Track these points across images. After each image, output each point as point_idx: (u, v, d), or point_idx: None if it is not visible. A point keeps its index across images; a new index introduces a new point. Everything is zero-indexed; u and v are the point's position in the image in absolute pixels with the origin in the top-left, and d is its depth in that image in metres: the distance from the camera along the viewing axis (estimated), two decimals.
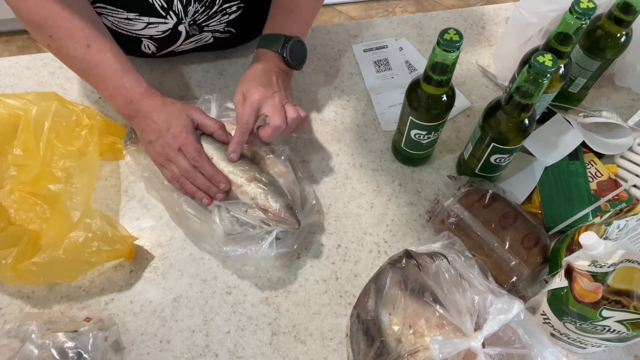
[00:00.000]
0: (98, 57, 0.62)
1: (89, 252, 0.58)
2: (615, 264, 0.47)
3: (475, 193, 0.65)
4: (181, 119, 0.62)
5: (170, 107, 0.63)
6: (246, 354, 0.60)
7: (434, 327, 0.49)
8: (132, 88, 0.63)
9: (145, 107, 0.63)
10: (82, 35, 0.61)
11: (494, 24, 0.92)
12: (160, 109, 0.63)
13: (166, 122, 0.62)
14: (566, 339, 0.57)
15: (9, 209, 0.65)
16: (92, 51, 0.62)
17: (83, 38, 0.61)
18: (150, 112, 0.63)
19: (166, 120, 0.62)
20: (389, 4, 2.20)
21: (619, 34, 0.67)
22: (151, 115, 0.63)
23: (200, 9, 0.70)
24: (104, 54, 0.62)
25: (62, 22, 0.60)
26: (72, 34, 0.61)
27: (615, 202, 0.67)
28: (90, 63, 0.62)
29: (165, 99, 0.65)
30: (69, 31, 0.61)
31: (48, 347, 0.52)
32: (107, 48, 0.62)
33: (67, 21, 0.60)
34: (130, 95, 0.63)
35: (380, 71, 0.85)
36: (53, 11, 0.60)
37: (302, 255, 0.67)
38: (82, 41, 0.61)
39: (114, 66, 0.62)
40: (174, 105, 0.64)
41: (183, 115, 0.63)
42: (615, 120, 0.71)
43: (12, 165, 0.67)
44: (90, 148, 0.67)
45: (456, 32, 0.53)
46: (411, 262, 0.53)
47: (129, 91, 0.63)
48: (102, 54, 0.62)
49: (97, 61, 0.62)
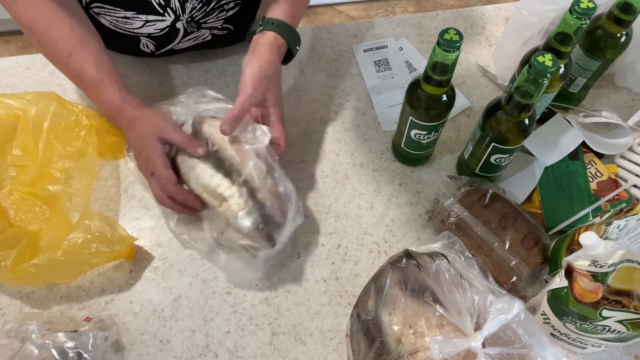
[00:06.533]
0: (80, 67, 0.62)
1: (88, 253, 0.58)
2: (615, 264, 0.47)
3: (475, 193, 0.65)
4: (149, 143, 0.60)
5: (140, 127, 0.62)
6: (246, 354, 0.60)
7: (434, 327, 0.49)
8: (109, 102, 0.63)
9: (122, 123, 0.64)
10: (65, 43, 0.61)
11: (494, 24, 0.92)
12: (132, 128, 0.63)
13: (139, 144, 0.61)
14: (566, 339, 0.57)
15: (8, 210, 0.65)
16: (73, 60, 0.62)
17: (66, 46, 0.61)
18: (126, 130, 0.64)
19: (138, 142, 0.62)
20: (389, 4, 2.20)
21: (619, 34, 0.67)
22: (127, 133, 0.64)
23: (198, 6, 0.70)
24: (84, 63, 0.62)
25: (46, 29, 0.61)
26: (55, 41, 0.61)
27: (615, 202, 0.67)
28: (73, 71, 0.63)
29: (139, 112, 0.63)
30: (52, 38, 0.61)
31: (48, 347, 0.52)
32: (89, 57, 0.62)
33: (51, 28, 0.61)
34: (109, 108, 0.64)
35: (380, 71, 0.85)
36: (38, 17, 0.60)
37: (302, 255, 0.67)
38: (65, 49, 0.61)
39: (92, 78, 0.62)
40: (144, 124, 0.61)
41: (150, 137, 0.60)
42: (615, 120, 0.71)
43: (11, 166, 0.67)
44: (89, 149, 0.67)
45: (456, 32, 0.53)
46: (411, 262, 0.53)
47: (107, 104, 0.64)
48: (83, 63, 0.62)
49: (79, 70, 0.62)
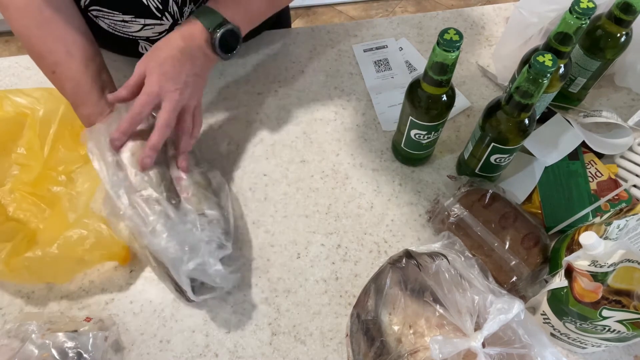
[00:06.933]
0: (60, 85, 0.63)
1: (82, 249, 0.58)
2: (615, 263, 0.47)
3: (475, 193, 0.65)
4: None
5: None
6: (246, 354, 0.60)
7: (434, 327, 0.49)
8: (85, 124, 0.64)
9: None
10: (49, 60, 0.62)
11: (494, 24, 0.92)
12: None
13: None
14: (566, 339, 0.57)
15: (8, 207, 0.65)
16: (56, 77, 0.63)
17: (50, 63, 0.62)
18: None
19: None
20: (389, 4, 2.20)
21: (619, 34, 0.67)
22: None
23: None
24: (65, 83, 0.63)
25: (35, 42, 0.62)
26: (41, 56, 0.62)
27: (615, 202, 0.67)
28: (58, 86, 0.64)
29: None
30: (39, 53, 0.62)
31: (48, 347, 0.52)
32: (69, 77, 0.62)
33: (39, 43, 0.62)
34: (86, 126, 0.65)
35: (380, 71, 0.85)
36: (26, 29, 0.61)
37: (302, 255, 0.67)
38: (49, 66, 0.62)
39: (71, 97, 0.63)
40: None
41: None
42: (615, 120, 0.71)
43: (14, 163, 0.67)
44: None
45: (456, 32, 0.53)
46: (411, 262, 0.53)
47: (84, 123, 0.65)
48: (63, 83, 0.63)
49: (61, 87, 0.64)
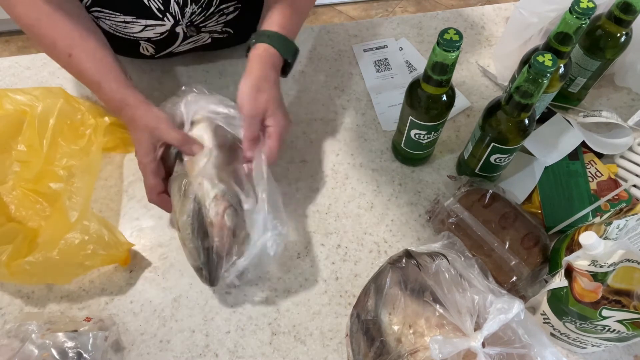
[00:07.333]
0: (79, 67, 0.63)
1: (84, 254, 0.58)
2: (615, 263, 0.47)
3: (475, 193, 0.65)
4: (143, 146, 0.61)
5: (135, 128, 0.62)
6: (246, 354, 0.60)
7: (434, 327, 0.49)
8: (110, 101, 0.64)
9: (125, 119, 0.64)
10: (64, 44, 0.62)
11: (494, 24, 0.92)
12: (130, 127, 0.63)
13: (135, 145, 0.62)
14: (566, 339, 0.57)
15: (9, 205, 0.65)
16: (73, 60, 0.62)
17: (65, 47, 0.62)
18: (128, 128, 0.64)
19: (135, 143, 0.62)
20: (389, 4, 2.20)
21: (619, 33, 0.67)
22: (128, 130, 0.64)
23: (197, 10, 0.70)
24: (83, 64, 0.62)
25: (46, 30, 0.61)
26: (55, 42, 0.62)
27: (615, 202, 0.67)
28: (74, 71, 0.64)
29: (135, 111, 0.62)
30: (52, 40, 0.62)
31: (48, 347, 0.52)
32: (87, 57, 0.62)
33: (50, 30, 0.61)
34: (111, 107, 0.64)
35: (380, 71, 0.85)
36: (37, 20, 0.61)
37: (302, 255, 0.67)
38: (64, 50, 0.62)
39: (92, 78, 0.63)
40: (138, 125, 0.62)
41: (144, 140, 0.61)
42: (615, 120, 0.71)
43: (15, 161, 0.67)
44: (93, 148, 0.67)
45: (456, 32, 0.53)
46: (411, 262, 0.53)
47: (109, 104, 0.64)
48: (81, 64, 0.62)
49: (79, 70, 0.63)
